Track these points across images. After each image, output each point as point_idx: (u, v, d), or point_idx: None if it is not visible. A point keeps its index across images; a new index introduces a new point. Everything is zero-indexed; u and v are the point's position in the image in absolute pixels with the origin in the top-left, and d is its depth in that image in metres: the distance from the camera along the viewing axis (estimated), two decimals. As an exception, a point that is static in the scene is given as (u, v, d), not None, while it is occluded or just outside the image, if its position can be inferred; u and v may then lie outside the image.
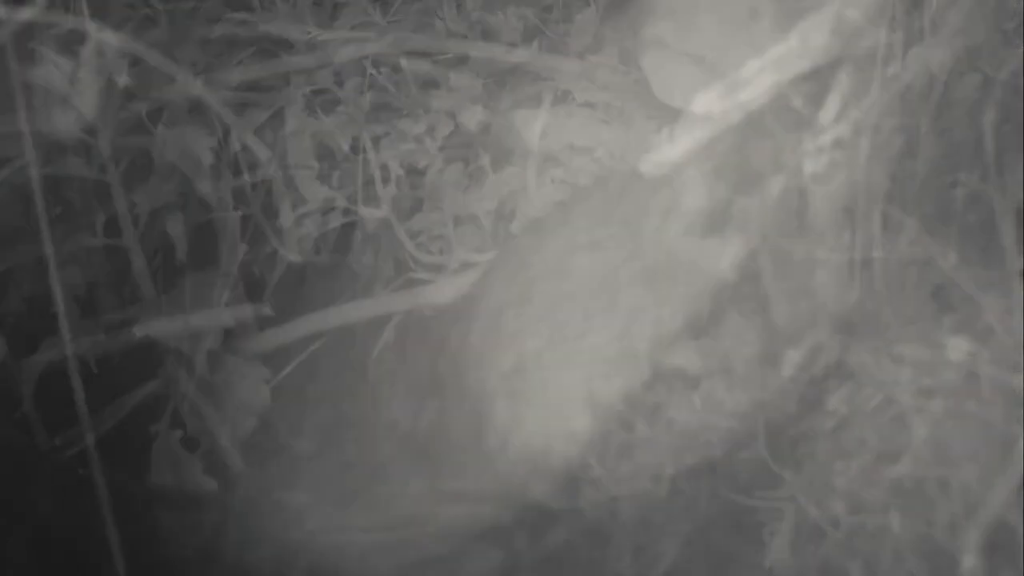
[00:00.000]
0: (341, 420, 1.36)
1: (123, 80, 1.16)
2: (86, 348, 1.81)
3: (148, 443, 1.42)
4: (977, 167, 1.08)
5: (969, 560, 0.96)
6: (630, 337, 1.24)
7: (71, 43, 1.14)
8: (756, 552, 1.06)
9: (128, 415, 1.46)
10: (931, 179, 1.09)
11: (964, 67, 1.10)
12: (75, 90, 1.14)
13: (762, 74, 1.17)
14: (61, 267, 1.17)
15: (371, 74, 1.79)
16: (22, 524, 1.60)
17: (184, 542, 1.44)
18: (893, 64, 1.13)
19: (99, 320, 1.94)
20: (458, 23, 1.69)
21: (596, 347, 1.22)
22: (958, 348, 1.02)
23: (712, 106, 1.18)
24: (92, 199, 1.87)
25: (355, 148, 1.76)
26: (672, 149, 1.20)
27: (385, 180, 1.63)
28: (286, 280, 1.71)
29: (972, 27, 1.11)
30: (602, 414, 1.20)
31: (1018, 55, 1.09)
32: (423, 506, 1.25)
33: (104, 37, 1.14)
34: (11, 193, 1.73)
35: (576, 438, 1.20)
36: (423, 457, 1.26)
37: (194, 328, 1.83)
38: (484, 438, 1.22)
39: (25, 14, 1.12)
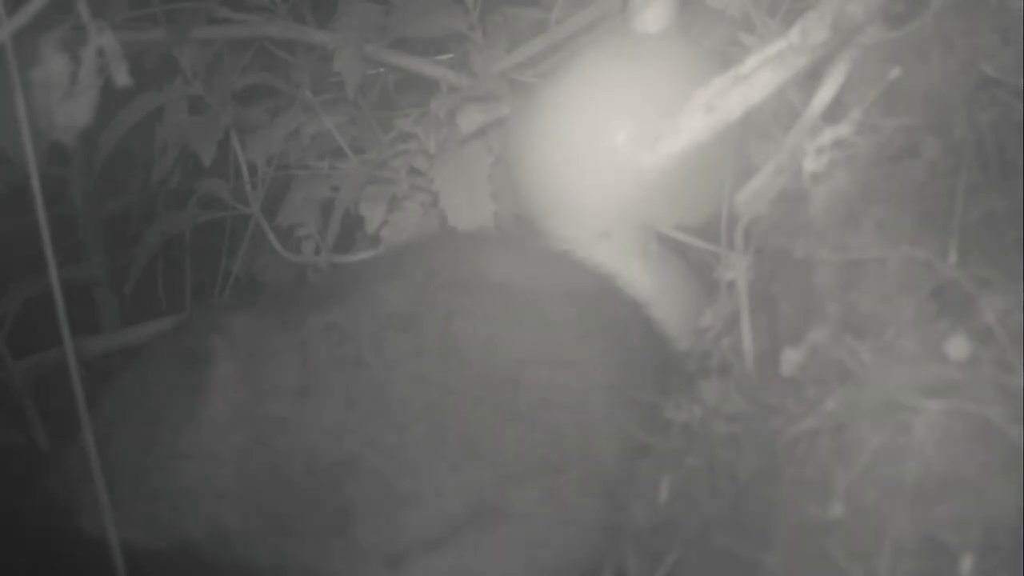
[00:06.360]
0: None
1: (123, 80, 1.15)
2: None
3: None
4: (977, 167, 1.08)
5: (969, 560, 0.96)
6: None
7: (71, 43, 1.14)
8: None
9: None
10: (931, 179, 1.09)
11: (963, 68, 1.10)
12: (75, 90, 1.14)
13: (762, 70, 1.18)
14: (61, 267, 1.17)
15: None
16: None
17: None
18: (894, 64, 1.13)
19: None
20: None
21: None
22: (958, 348, 1.02)
23: (713, 100, 1.18)
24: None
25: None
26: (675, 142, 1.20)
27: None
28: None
29: (973, 26, 1.11)
30: None
31: (1018, 55, 1.09)
32: None
33: (104, 37, 1.14)
34: (11, 193, 1.73)
35: None
36: None
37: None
38: None
39: (25, 14, 1.12)
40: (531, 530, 1.21)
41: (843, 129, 1.13)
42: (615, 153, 1.44)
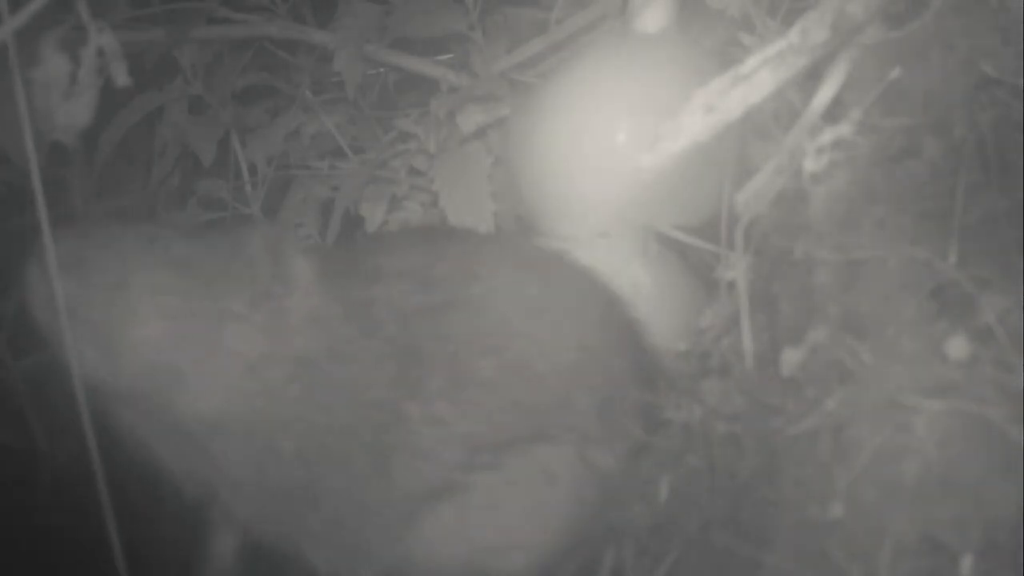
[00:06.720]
0: None
1: (123, 80, 1.16)
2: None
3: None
4: (977, 167, 1.08)
5: (969, 560, 0.96)
6: None
7: (71, 43, 1.14)
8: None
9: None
10: (931, 179, 1.10)
11: (963, 68, 1.10)
12: (75, 90, 1.14)
13: (762, 70, 1.18)
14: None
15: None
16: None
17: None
18: (894, 64, 1.14)
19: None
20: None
21: None
22: (958, 348, 1.02)
23: (713, 100, 1.18)
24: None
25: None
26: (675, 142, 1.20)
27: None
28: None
29: (973, 26, 1.11)
30: None
31: (1018, 55, 1.09)
32: None
33: (104, 37, 1.14)
34: (11, 193, 1.73)
35: None
36: None
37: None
38: None
39: (26, 14, 1.12)
40: (520, 475, 1.27)
41: (843, 129, 1.13)
42: (615, 153, 1.44)
